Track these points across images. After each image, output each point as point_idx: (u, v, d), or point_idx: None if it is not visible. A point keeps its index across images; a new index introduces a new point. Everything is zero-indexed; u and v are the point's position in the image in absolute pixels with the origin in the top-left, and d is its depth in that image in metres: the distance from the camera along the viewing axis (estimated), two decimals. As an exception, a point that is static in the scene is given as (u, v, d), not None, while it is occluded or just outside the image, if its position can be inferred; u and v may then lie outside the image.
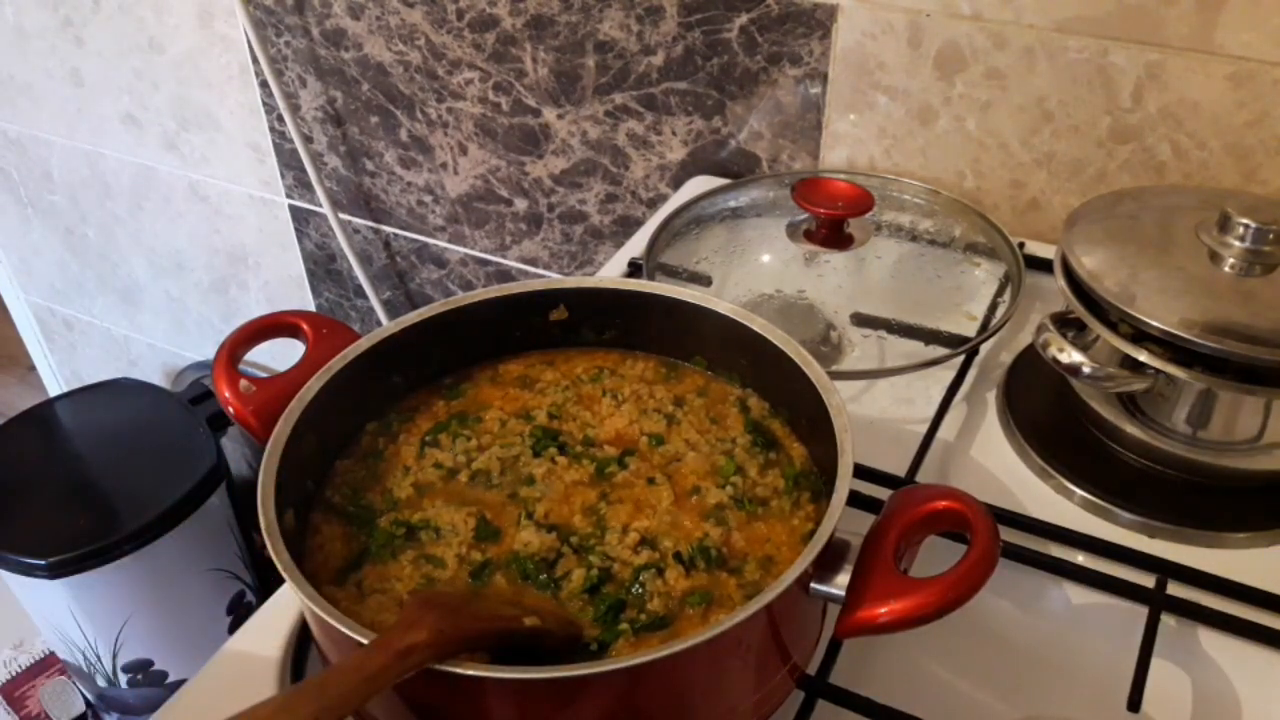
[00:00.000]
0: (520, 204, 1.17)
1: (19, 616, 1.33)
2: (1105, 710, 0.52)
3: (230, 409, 0.53)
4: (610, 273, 0.86)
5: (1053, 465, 0.66)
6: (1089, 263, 0.62)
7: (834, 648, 0.52)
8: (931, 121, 0.88)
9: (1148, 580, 0.57)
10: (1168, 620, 0.56)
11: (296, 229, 1.40)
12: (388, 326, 0.57)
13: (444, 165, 1.19)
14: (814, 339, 0.72)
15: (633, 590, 0.48)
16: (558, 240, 1.18)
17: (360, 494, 0.54)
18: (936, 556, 0.49)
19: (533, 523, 0.51)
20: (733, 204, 0.85)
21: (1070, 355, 0.60)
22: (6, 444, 1.35)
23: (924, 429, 0.67)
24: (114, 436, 1.36)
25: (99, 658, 1.30)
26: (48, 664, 1.52)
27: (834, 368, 0.69)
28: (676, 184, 1.04)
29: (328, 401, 0.53)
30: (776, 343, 0.55)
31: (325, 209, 1.28)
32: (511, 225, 1.20)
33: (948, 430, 0.69)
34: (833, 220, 0.75)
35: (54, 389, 2.03)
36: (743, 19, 0.92)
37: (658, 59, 0.98)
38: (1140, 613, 0.55)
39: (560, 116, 1.07)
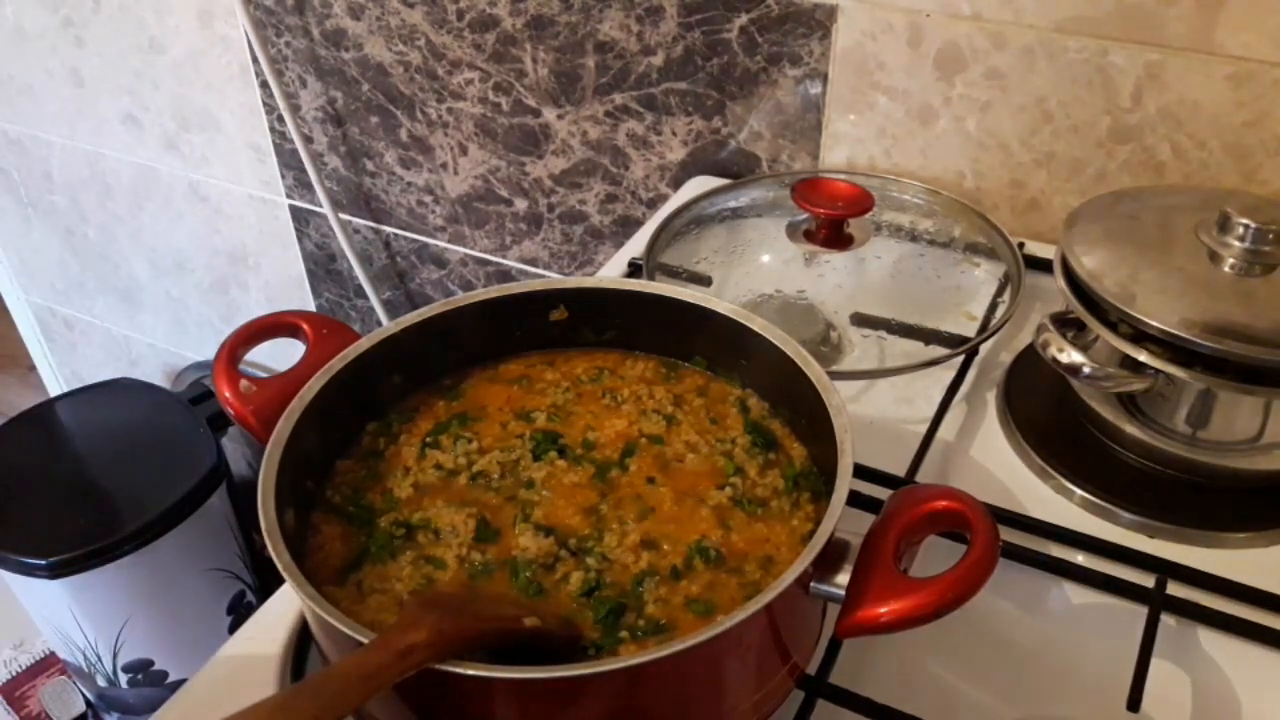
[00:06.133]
0: (520, 204, 1.17)
1: (19, 616, 1.33)
2: (1105, 710, 0.52)
3: (230, 409, 0.53)
4: (610, 273, 0.86)
5: (1053, 465, 0.66)
6: (1089, 263, 0.62)
7: (834, 648, 0.52)
8: (931, 121, 0.88)
9: (1148, 580, 0.57)
10: (1168, 620, 0.56)
11: (296, 229, 1.40)
12: (388, 326, 0.57)
13: (444, 165, 1.19)
14: (814, 339, 0.72)
15: (632, 594, 0.48)
16: (558, 240, 1.18)
17: (360, 494, 0.54)
18: (936, 556, 0.49)
19: (530, 525, 0.51)
20: (733, 204, 0.85)
21: (1070, 355, 0.60)
22: (6, 444, 1.35)
23: (924, 429, 0.67)
24: (114, 436, 1.36)
25: (99, 658, 1.30)
26: (48, 664, 1.52)
27: (834, 368, 0.69)
28: (676, 184, 1.04)
29: (328, 401, 0.53)
30: (776, 343, 0.55)
31: (325, 209, 1.28)
32: (511, 225, 1.20)
33: (948, 430, 0.69)
34: (833, 220, 0.75)
35: (54, 389, 2.03)
36: (743, 19, 0.92)
37: (658, 59, 0.98)
38: (1140, 613, 0.55)
39: (560, 117, 1.07)
